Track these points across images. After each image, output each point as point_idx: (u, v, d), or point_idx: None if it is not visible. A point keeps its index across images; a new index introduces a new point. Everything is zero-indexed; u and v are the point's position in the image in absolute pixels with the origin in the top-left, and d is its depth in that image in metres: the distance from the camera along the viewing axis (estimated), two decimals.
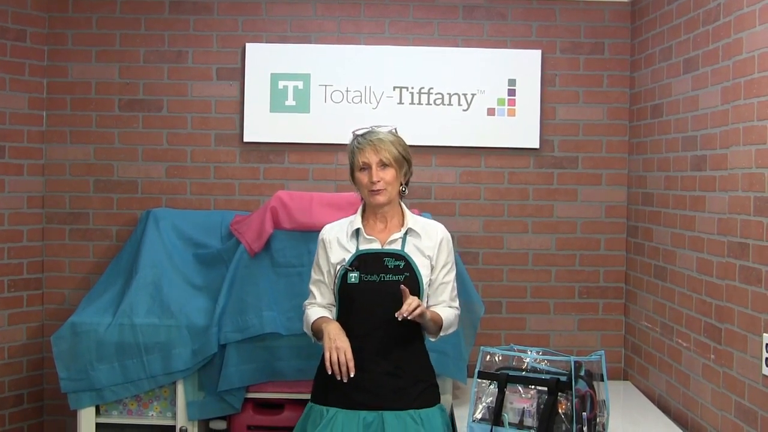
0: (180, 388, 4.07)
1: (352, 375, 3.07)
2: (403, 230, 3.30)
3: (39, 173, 4.74)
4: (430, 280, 3.30)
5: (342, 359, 3.07)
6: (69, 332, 4.03)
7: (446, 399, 4.09)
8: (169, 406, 4.15)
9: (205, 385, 4.09)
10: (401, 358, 3.22)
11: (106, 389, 4.02)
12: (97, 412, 4.10)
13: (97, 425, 4.09)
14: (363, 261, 3.24)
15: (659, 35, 4.30)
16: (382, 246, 3.28)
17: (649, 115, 4.43)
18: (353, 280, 3.22)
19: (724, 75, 3.53)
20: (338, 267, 3.28)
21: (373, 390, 3.18)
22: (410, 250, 3.27)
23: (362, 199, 3.35)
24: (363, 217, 3.36)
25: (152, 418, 4.16)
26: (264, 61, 4.72)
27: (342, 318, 3.27)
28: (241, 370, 4.04)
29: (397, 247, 3.27)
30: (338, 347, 3.09)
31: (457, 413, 3.99)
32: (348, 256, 3.27)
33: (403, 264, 3.23)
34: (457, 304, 3.40)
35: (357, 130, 3.35)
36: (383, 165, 3.23)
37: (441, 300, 3.33)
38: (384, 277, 3.20)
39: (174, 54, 4.77)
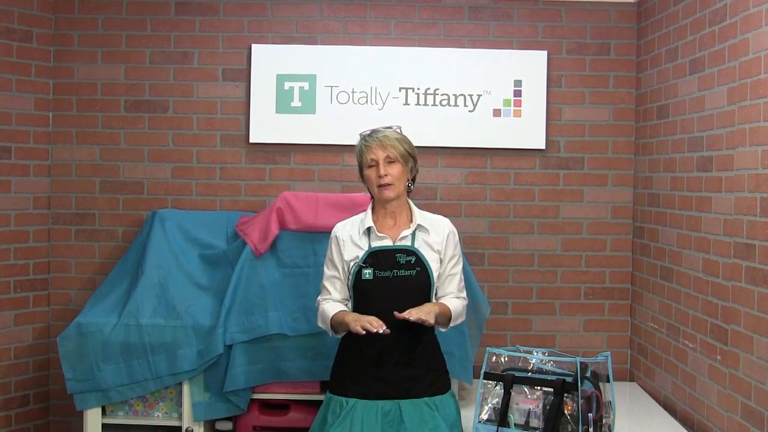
0: (186, 389, 4.08)
1: (387, 330, 3.11)
2: (413, 226, 3.40)
3: (45, 174, 4.75)
4: (439, 272, 3.40)
5: (375, 324, 3.12)
6: (75, 333, 4.04)
7: None
8: (174, 406, 4.15)
9: (211, 386, 4.09)
10: (414, 348, 3.32)
11: (112, 390, 4.03)
12: (103, 413, 4.11)
13: (103, 426, 4.10)
14: (376, 258, 3.33)
15: (665, 36, 4.30)
16: (393, 242, 3.37)
17: (655, 116, 4.42)
18: (367, 276, 3.31)
19: (730, 76, 3.52)
20: (352, 264, 3.36)
21: (389, 380, 3.29)
22: (420, 245, 3.37)
23: (372, 197, 3.46)
24: (373, 214, 3.44)
25: (158, 418, 4.16)
26: (270, 61, 4.72)
27: (357, 312, 3.36)
28: (247, 370, 4.04)
29: (407, 243, 3.37)
30: (364, 318, 3.16)
31: (463, 414, 3.96)
32: (361, 254, 3.35)
33: (414, 259, 3.33)
34: (464, 294, 3.51)
35: (363, 132, 3.45)
36: (390, 161, 3.35)
37: (449, 291, 3.43)
38: (397, 273, 3.31)
39: (180, 55, 4.77)
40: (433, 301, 3.37)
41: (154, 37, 4.77)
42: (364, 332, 3.12)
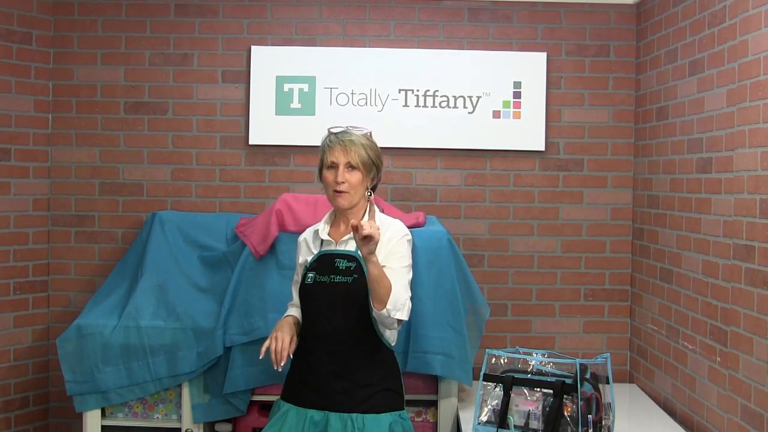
0: (185, 391, 4.08)
1: (282, 365, 3.11)
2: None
3: (45, 176, 4.75)
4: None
5: (278, 347, 3.12)
6: (74, 334, 4.04)
7: (452, 401, 4.10)
8: (174, 408, 4.15)
9: (211, 388, 4.09)
10: (350, 360, 3.18)
11: (111, 392, 4.03)
12: (103, 415, 4.10)
13: (103, 428, 4.10)
14: (320, 262, 3.25)
15: (664, 37, 4.30)
16: (336, 247, 3.27)
17: (655, 118, 4.42)
18: (309, 280, 3.23)
19: (729, 77, 3.53)
20: (303, 268, 3.31)
21: (320, 389, 3.19)
22: None
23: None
24: (334, 218, 3.35)
25: (157, 420, 4.16)
26: (269, 63, 4.72)
27: (303, 318, 3.31)
28: (247, 372, 4.04)
29: (351, 248, 3.23)
30: (277, 336, 3.15)
31: (462, 416, 3.98)
32: (311, 258, 3.28)
33: (354, 265, 3.18)
34: (407, 293, 3.13)
35: (333, 128, 3.31)
36: (350, 167, 3.20)
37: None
38: (334, 278, 3.19)
39: (179, 56, 4.77)
40: (374, 310, 3.07)
41: (153, 38, 4.77)
42: (261, 356, 3.17)
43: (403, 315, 3.09)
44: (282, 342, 3.13)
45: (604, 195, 4.78)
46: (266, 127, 4.74)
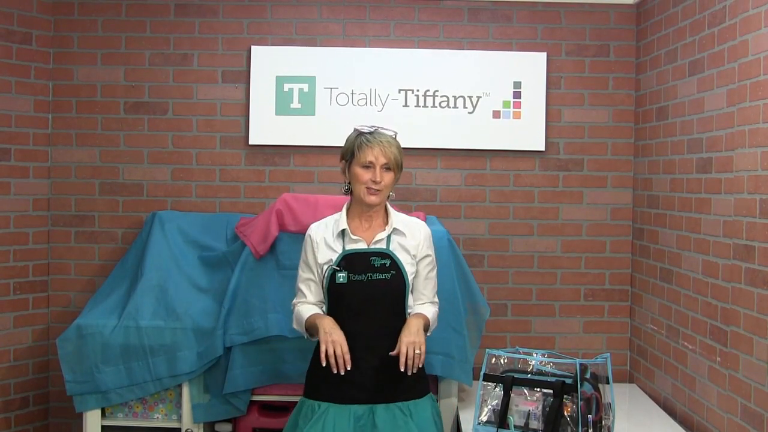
0: (185, 391, 4.08)
1: (348, 368, 3.13)
2: (389, 229, 3.34)
3: (44, 176, 4.75)
4: (414, 276, 3.35)
5: (338, 352, 3.12)
6: (74, 334, 4.04)
7: (451, 401, 4.10)
8: (174, 408, 4.15)
9: (211, 388, 4.09)
10: (389, 352, 3.21)
11: (111, 392, 4.03)
12: (103, 415, 4.11)
13: (103, 428, 4.10)
14: (350, 261, 3.28)
15: (664, 37, 4.30)
16: (368, 245, 3.31)
17: (655, 118, 4.42)
18: (341, 279, 3.26)
19: (729, 77, 3.53)
20: (326, 267, 3.31)
21: (362, 384, 3.24)
22: (395, 249, 3.31)
23: (345, 192, 3.38)
24: (348, 216, 3.38)
25: (157, 420, 4.16)
26: (269, 63, 4.72)
27: (331, 316, 3.31)
28: (247, 372, 4.04)
29: (382, 246, 3.32)
30: (334, 341, 3.14)
31: (462, 416, 3.98)
32: (335, 257, 3.30)
33: (389, 262, 3.28)
34: (437, 299, 3.47)
35: (361, 126, 3.36)
36: (387, 168, 3.27)
37: (424, 294, 3.38)
38: (371, 276, 3.26)
39: (179, 57, 4.77)
40: (409, 304, 3.33)
41: (153, 38, 4.77)
42: (325, 359, 3.12)
43: (435, 325, 3.44)
44: (341, 347, 3.14)
45: (604, 195, 4.78)
46: (266, 127, 4.73)
